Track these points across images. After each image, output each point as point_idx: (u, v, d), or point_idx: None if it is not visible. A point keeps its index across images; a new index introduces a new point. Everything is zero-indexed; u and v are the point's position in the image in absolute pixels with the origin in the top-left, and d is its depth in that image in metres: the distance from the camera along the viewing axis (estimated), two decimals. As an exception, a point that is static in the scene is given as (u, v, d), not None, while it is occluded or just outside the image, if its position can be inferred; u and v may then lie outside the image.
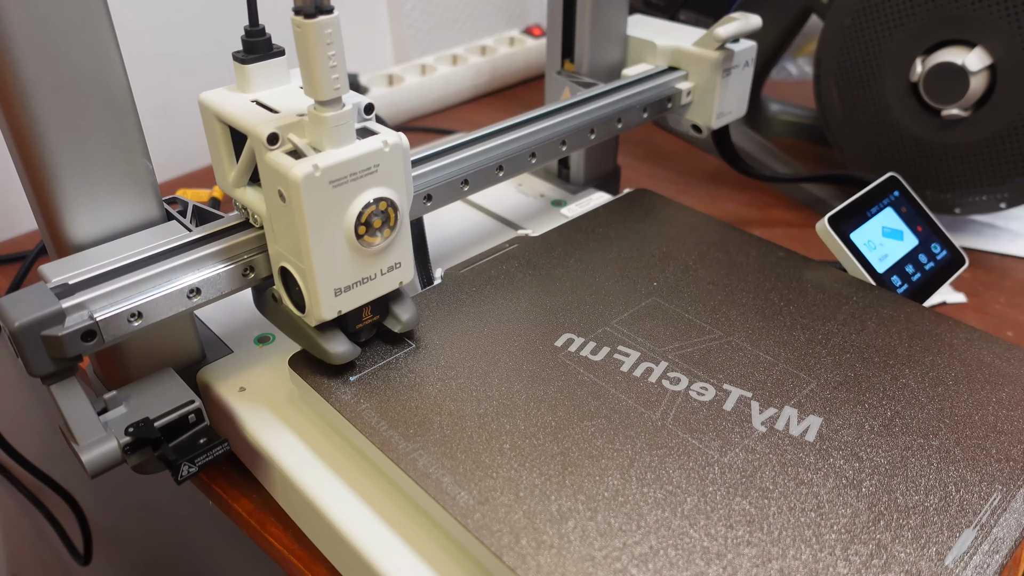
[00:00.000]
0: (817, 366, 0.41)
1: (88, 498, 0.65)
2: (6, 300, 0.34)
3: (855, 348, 0.42)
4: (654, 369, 0.40)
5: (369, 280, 0.38)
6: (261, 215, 0.38)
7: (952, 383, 0.40)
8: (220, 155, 0.39)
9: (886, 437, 0.37)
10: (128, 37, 0.72)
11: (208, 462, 0.39)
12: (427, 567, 0.34)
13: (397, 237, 0.38)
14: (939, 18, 0.58)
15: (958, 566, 0.31)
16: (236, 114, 0.37)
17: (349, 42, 0.93)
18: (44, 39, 0.34)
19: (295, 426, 0.41)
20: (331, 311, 0.37)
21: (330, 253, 0.36)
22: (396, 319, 0.41)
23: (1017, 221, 0.69)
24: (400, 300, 0.42)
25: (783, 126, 0.82)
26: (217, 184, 0.41)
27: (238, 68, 0.39)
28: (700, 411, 0.38)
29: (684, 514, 0.33)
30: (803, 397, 0.39)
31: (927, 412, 0.38)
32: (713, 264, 0.49)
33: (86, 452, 0.36)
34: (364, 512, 0.36)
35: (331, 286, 0.37)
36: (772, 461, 0.35)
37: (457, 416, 0.37)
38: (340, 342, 0.39)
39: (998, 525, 0.32)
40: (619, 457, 0.35)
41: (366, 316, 0.40)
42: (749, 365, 0.41)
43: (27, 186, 0.38)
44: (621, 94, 0.54)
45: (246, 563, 0.49)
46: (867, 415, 0.38)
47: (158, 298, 0.37)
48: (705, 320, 0.44)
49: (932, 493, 0.34)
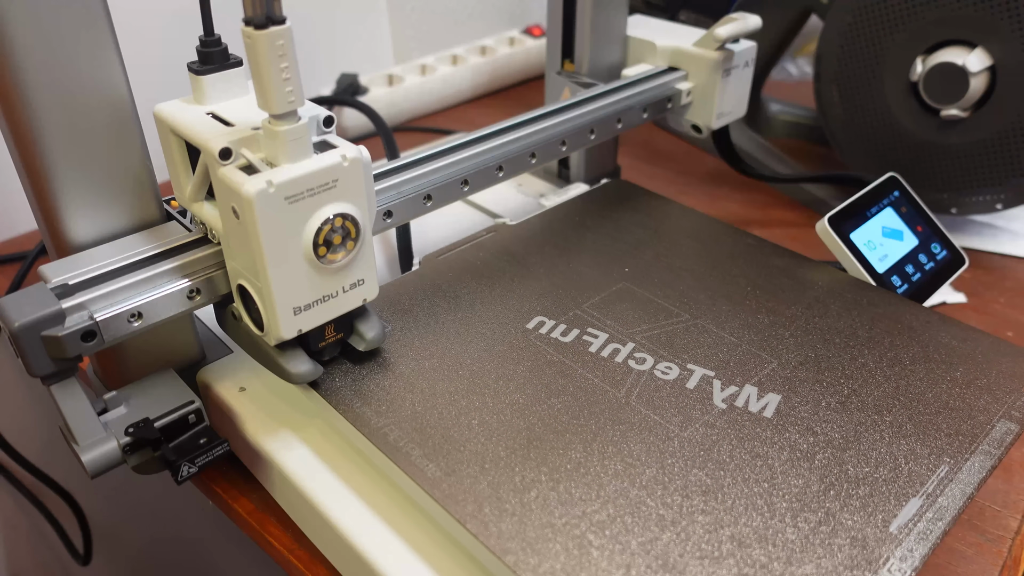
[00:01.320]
0: (779, 347, 0.42)
1: (88, 498, 0.65)
2: (6, 300, 0.34)
3: (817, 330, 0.43)
4: (621, 350, 0.42)
5: (331, 298, 0.37)
6: (218, 231, 0.37)
7: (909, 363, 0.41)
8: (176, 169, 0.38)
9: (841, 413, 0.38)
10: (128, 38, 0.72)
11: (208, 462, 0.39)
12: (427, 567, 0.34)
13: (359, 254, 0.37)
14: (939, 18, 0.58)
15: (902, 532, 0.32)
16: (189, 127, 0.36)
17: (349, 42, 0.93)
18: (45, 41, 0.34)
19: (295, 427, 0.41)
20: (290, 330, 0.36)
21: (288, 271, 0.35)
22: (361, 337, 0.40)
23: (1017, 221, 0.69)
24: (365, 318, 0.41)
25: (783, 126, 0.82)
26: (175, 199, 0.40)
27: (193, 79, 0.38)
28: (663, 389, 0.39)
29: (642, 484, 0.34)
30: (764, 376, 0.40)
31: (883, 390, 0.39)
32: (684, 251, 0.50)
33: (86, 452, 0.36)
34: (364, 513, 0.36)
35: (290, 305, 0.36)
36: (730, 436, 0.37)
37: (428, 394, 0.39)
38: (301, 361, 0.38)
39: (943, 495, 0.34)
40: (582, 432, 0.37)
41: (329, 334, 0.39)
42: (714, 346, 0.42)
43: (27, 186, 0.38)
44: (621, 94, 0.54)
45: (246, 563, 0.49)
46: (824, 393, 0.39)
47: (158, 298, 0.37)
48: (673, 304, 0.45)
49: (882, 465, 0.35)
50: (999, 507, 0.42)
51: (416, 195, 0.45)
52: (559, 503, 0.33)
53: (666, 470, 0.35)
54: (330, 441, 0.40)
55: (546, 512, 0.33)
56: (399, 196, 0.45)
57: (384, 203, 0.44)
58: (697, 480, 0.34)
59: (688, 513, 0.33)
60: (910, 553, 0.31)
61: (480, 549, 0.32)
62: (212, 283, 0.38)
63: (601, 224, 0.53)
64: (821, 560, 0.31)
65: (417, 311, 0.45)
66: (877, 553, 0.31)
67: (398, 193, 0.45)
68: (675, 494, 0.34)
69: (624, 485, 0.34)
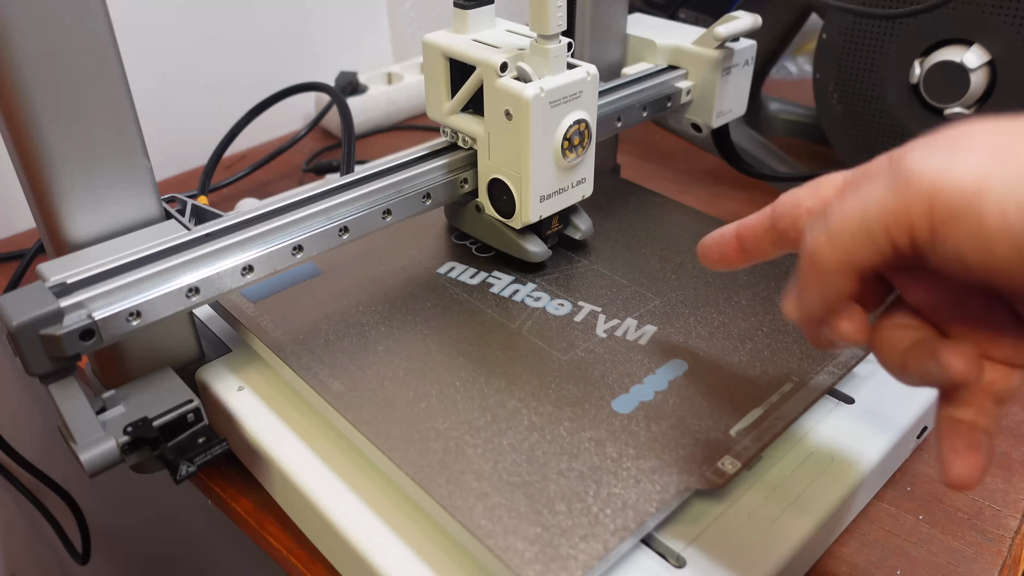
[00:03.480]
0: (664, 288, 0.47)
1: (87, 498, 0.65)
2: (4, 299, 0.34)
3: (701, 274, 0.48)
4: (520, 290, 0.47)
5: (564, 191, 0.46)
6: (476, 136, 0.46)
7: (778, 300, 0.44)
8: (439, 87, 0.46)
9: (708, 341, 0.43)
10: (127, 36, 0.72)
11: (207, 461, 0.39)
12: (427, 568, 0.34)
13: (587, 155, 0.46)
14: (939, 16, 0.58)
15: (740, 435, 0.37)
16: (465, 50, 0.44)
17: (348, 40, 0.93)
18: (42, 38, 0.34)
19: (294, 425, 0.41)
20: (535, 215, 0.45)
21: (541, 164, 0.44)
22: (576, 228, 0.50)
23: (1017, 220, 0.69)
24: (578, 213, 0.50)
25: (783, 125, 0.82)
26: (428, 114, 0.48)
27: (458, 13, 0.46)
28: (553, 322, 0.44)
29: (520, 398, 0.39)
30: (645, 311, 0.45)
31: (750, 323, 0.44)
32: (593, 208, 0.54)
33: (84, 452, 0.36)
34: (363, 512, 0.36)
35: (539, 193, 0.45)
36: (605, 359, 0.41)
37: (342, 324, 0.44)
38: (537, 243, 0.48)
39: (784, 406, 0.38)
40: (475, 356, 0.42)
41: (554, 224, 0.49)
42: (605, 287, 0.47)
43: (25, 184, 0.37)
44: (621, 93, 0.54)
45: (245, 563, 0.48)
46: (697, 324, 0.44)
47: (157, 297, 0.36)
48: (575, 252, 0.51)
49: (736, 383, 0.40)
50: (999, 507, 0.42)
51: (415, 194, 0.45)
52: (443, 412, 0.38)
53: (544, 386, 0.40)
54: (329, 440, 0.40)
55: (432, 419, 0.37)
56: (398, 194, 0.45)
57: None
58: (568, 394, 0.39)
59: (556, 420, 0.37)
60: (744, 451, 0.36)
61: (480, 548, 0.32)
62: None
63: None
64: (665, 456, 0.35)
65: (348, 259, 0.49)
66: (715, 451, 0.36)
67: (397, 191, 0.45)
68: (547, 404, 0.38)
69: (503, 398, 0.39)
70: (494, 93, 0.43)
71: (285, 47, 0.87)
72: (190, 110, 0.81)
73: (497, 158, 0.45)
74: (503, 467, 0.35)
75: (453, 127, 0.47)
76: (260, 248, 0.40)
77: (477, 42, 0.45)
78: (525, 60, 0.43)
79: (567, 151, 0.44)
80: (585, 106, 0.44)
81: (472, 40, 0.45)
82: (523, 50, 0.43)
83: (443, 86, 0.46)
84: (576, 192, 0.47)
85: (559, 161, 0.44)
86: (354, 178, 0.44)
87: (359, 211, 0.43)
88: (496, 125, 0.44)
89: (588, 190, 0.48)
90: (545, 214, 0.46)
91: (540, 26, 0.41)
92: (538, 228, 0.48)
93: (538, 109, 0.42)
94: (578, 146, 0.44)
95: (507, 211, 0.46)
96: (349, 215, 0.43)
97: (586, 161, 0.46)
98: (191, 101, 0.81)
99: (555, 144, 0.43)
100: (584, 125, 0.44)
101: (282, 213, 0.41)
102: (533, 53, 0.42)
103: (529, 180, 0.44)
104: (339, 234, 0.42)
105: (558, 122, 0.43)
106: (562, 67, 0.43)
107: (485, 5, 0.46)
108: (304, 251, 0.41)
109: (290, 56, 0.87)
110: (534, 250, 0.47)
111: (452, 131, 0.47)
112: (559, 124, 0.43)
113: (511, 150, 0.43)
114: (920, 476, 0.44)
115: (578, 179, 0.47)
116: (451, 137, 0.48)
